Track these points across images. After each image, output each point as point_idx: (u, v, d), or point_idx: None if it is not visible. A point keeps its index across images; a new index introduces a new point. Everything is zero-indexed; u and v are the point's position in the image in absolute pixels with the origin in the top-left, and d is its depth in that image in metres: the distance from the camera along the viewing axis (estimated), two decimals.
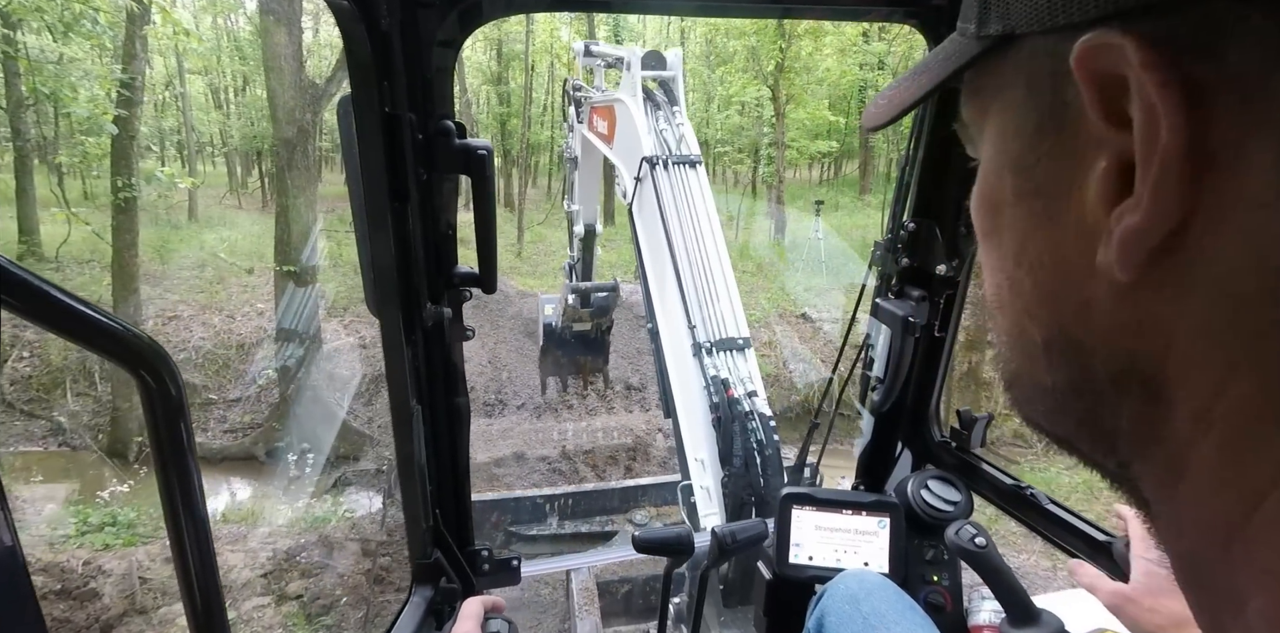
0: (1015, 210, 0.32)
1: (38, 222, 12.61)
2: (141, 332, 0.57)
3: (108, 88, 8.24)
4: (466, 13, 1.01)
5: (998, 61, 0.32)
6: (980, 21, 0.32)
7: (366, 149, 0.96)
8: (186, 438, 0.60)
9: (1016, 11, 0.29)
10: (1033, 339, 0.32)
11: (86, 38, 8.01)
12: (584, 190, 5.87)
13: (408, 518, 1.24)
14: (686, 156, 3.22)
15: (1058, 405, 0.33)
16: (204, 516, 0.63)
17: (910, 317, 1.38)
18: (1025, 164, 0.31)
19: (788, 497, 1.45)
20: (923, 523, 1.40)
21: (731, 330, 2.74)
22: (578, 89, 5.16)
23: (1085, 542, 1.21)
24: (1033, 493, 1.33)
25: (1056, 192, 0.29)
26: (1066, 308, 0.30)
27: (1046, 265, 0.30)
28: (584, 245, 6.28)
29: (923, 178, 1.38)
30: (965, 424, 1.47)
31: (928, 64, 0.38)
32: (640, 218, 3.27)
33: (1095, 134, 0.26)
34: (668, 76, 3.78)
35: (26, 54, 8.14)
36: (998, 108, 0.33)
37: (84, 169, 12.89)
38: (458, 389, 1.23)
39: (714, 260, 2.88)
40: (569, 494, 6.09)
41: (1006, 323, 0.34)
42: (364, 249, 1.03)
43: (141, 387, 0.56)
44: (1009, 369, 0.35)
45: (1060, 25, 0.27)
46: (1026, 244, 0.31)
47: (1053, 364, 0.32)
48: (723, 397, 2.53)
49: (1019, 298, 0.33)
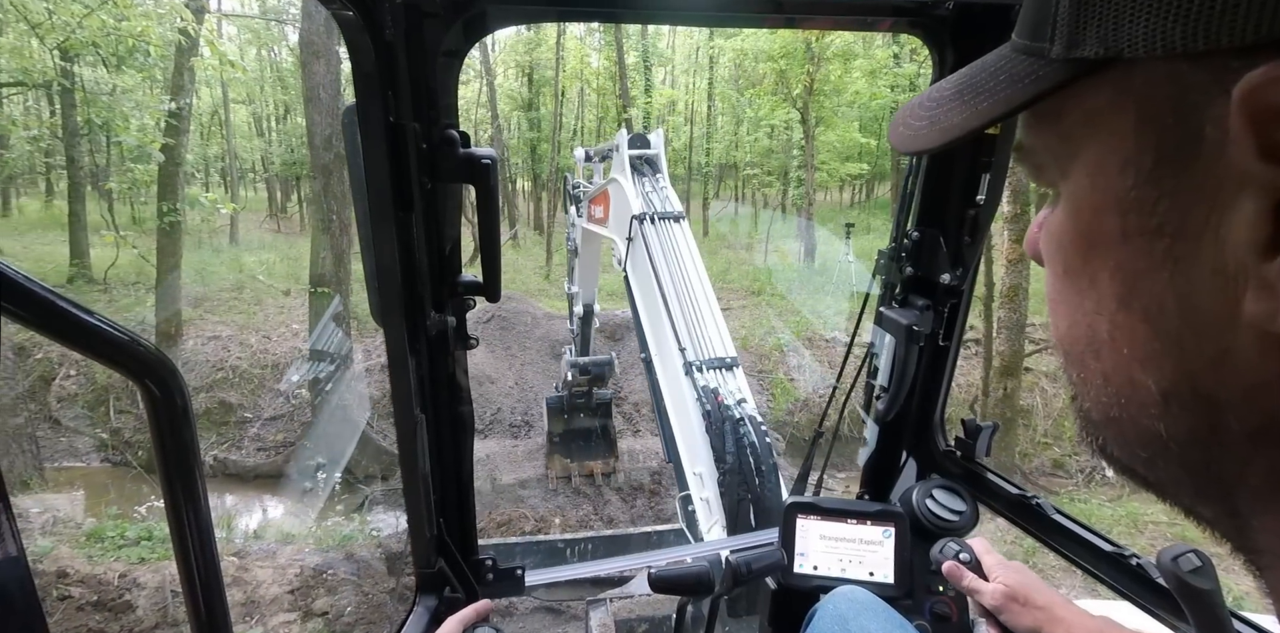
0: (1124, 250, 0.29)
1: (88, 245, 13.16)
2: (148, 342, 0.57)
3: (156, 117, 8.62)
4: (471, 23, 1.02)
5: (1092, 86, 0.30)
6: (1070, 42, 0.29)
7: (371, 158, 0.96)
8: (191, 448, 0.59)
9: (1130, 33, 0.26)
10: (1145, 388, 0.30)
11: (138, 70, 8.42)
12: (584, 275, 6.45)
13: (412, 527, 1.24)
14: (670, 212, 3.75)
15: (1165, 453, 0.31)
16: (208, 525, 0.62)
17: (915, 325, 1.38)
18: (1141, 201, 0.28)
19: (792, 506, 1.44)
20: (928, 533, 1.38)
21: (719, 351, 3.00)
22: (576, 187, 5.70)
23: (1092, 553, 1.19)
24: (1039, 503, 1.31)
25: (1185, 232, 0.27)
26: (1197, 358, 0.28)
27: (1170, 312, 0.28)
28: (583, 322, 6.92)
29: (926, 187, 1.38)
30: (970, 433, 1.46)
31: (979, 83, 0.35)
32: (633, 270, 3.68)
33: (1241, 170, 0.24)
34: (651, 154, 4.41)
35: (83, 86, 8.59)
36: (1092, 137, 0.31)
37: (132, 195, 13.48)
38: (461, 398, 1.23)
39: (700, 295, 3.21)
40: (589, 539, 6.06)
41: (1105, 368, 0.32)
42: (368, 258, 1.04)
43: (147, 397, 0.56)
44: (1102, 414, 0.33)
45: (1199, 51, 0.24)
46: (1139, 287, 0.29)
47: (1170, 415, 0.29)
48: (713, 403, 2.70)
49: (1128, 344, 0.30)
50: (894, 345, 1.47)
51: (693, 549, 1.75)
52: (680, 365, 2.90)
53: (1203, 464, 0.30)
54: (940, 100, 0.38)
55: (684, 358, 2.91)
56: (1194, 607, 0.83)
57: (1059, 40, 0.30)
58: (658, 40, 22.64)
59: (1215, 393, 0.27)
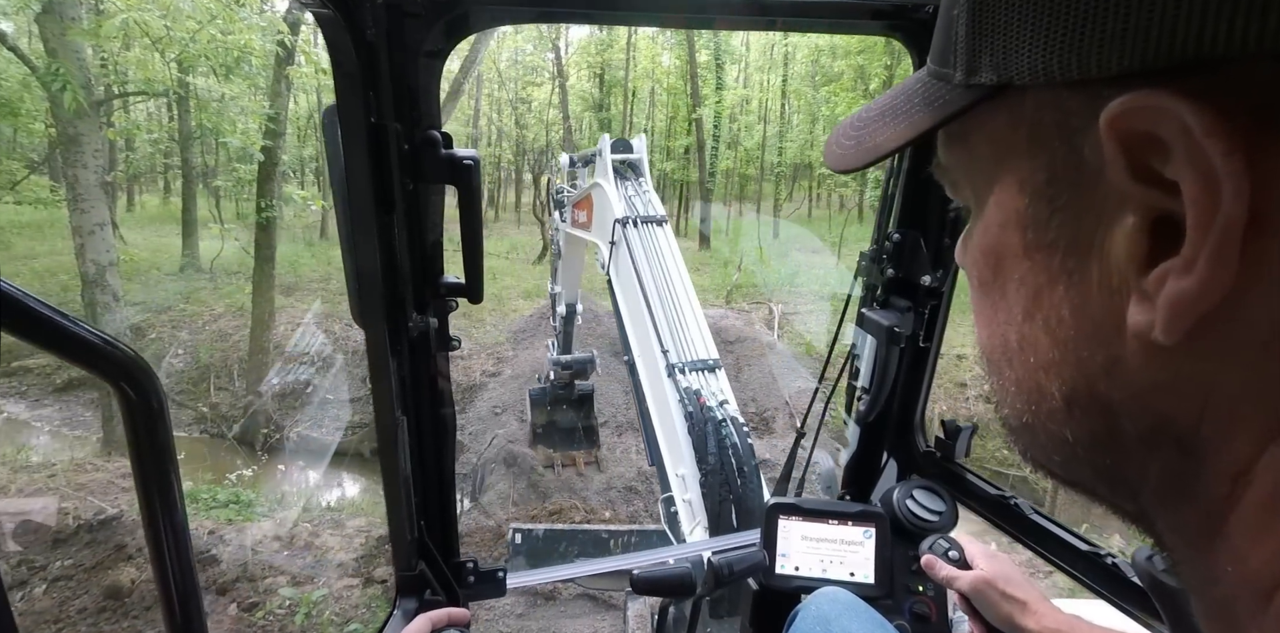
0: (1025, 264, 0.31)
1: (198, 238, 14.48)
2: (123, 344, 0.56)
3: (258, 121, 9.41)
4: (453, 23, 1.01)
5: (989, 110, 0.31)
6: (969, 69, 0.31)
7: (352, 159, 0.95)
8: (167, 449, 0.58)
9: (1016, 63, 0.28)
10: (1049, 394, 0.31)
11: (243, 78, 9.23)
12: (566, 276, 6.59)
13: (392, 530, 1.22)
14: (653, 216, 3.79)
15: (1075, 457, 0.32)
16: (184, 524, 0.62)
17: (896, 327, 1.38)
18: (1036, 218, 0.30)
19: (774, 507, 1.43)
20: (907, 533, 1.39)
21: (702, 353, 3.02)
22: (560, 192, 5.78)
23: (1069, 552, 1.19)
24: (1017, 503, 1.32)
25: (1075, 247, 0.28)
26: (1091, 366, 0.29)
27: (1066, 322, 0.29)
28: (565, 321, 7.10)
29: (907, 189, 1.38)
30: (950, 434, 1.47)
31: (898, 106, 0.37)
32: (616, 274, 3.77)
33: (1119, 190, 0.26)
34: (634, 159, 4.46)
35: (195, 94, 9.50)
36: (994, 157, 0.32)
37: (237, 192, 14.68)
38: (443, 400, 1.22)
39: (683, 298, 3.25)
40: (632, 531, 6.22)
41: (1015, 376, 0.33)
42: (349, 259, 1.02)
43: (121, 398, 0.55)
44: (1017, 420, 0.34)
45: (1073, 80, 0.26)
46: (1040, 299, 0.30)
47: (1073, 419, 0.31)
48: (695, 405, 2.75)
49: (1033, 353, 0.31)
50: (875, 347, 1.48)
51: (675, 551, 1.74)
52: (663, 368, 2.93)
53: (1107, 467, 0.31)
54: (866, 121, 0.40)
55: (666, 360, 2.94)
56: (1168, 605, 0.81)
57: (960, 67, 0.31)
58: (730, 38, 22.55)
59: (1110, 398, 0.28)
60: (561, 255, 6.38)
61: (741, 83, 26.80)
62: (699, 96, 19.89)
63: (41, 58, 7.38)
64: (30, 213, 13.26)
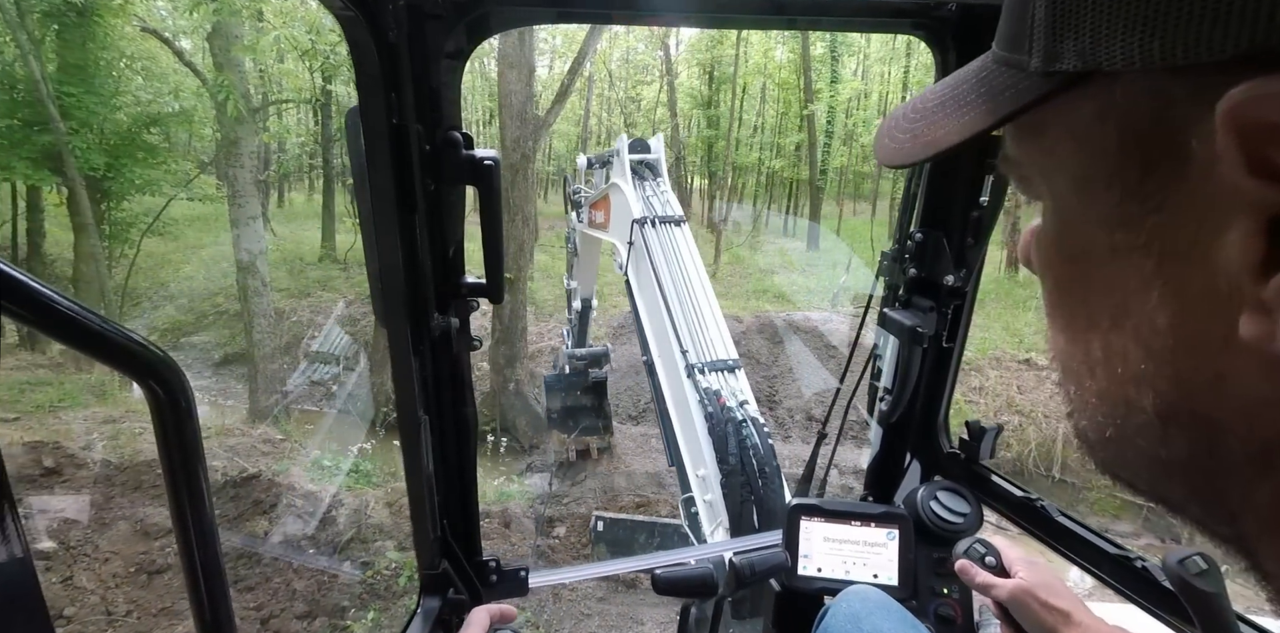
0: (1112, 267, 0.28)
1: (335, 231, 15.93)
2: (153, 344, 0.57)
3: None
4: (474, 25, 1.01)
5: (1071, 100, 0.29)
6: (1048, 55, 0.28)
7: (374, 160, 0.96)
8: (195, 447, 0.59)
9: (1107, 47, 0.25)
10: (1140, 408, 0.28)
11: None
12: (582, 273, 6.72)
13: (415, 528, 1.23)
14: (670, 216, 3.76)
15: (1167, 475, 0.30)
16: (212, 523, 0.62)
17: (918, 327, 1.38)
18: (1127, 218, 0.27)
19: (796, 508, 1.43)
20: (932, 535, 1.39)
21: (721, 353, 3.00)
22: (576, 192, 5.80)
23: (1097, 555, 1.17)
24: (1044, 505, 1.30)
25: (1173, 250, 0.26)
26: (1192, 380, 0.26)
27: (1161, 332, 0.26)
28: (580, 316, 7.21)
29: (930, 189, 1.36)
30: (974, 435, 1.45)
31: (961, 95, 0.34)
32: (635, 274, 3.71)
33: (1231, 187, 0.23)
34: (652, 159, 4.40)
35: (335, 100, 10.47)
36: (1076, 151, 0.29)
37: None
38: (465, 400, 1.22)
39: (701, 298, 3.22)
40: None
41: (1098, 387, 0.30)
42: (372, 259, 1.03)
43: (151, 397, 0.56)
44: (1098, 433, 0.31)
45: (1177, 65, 0.23)
46: (1129, 306, 0.28)
47: (1168, 436, 0.28)
48: (715, 406, 2.72)
49: (1120, 364, 0.29)
50: (897, 347, 1.47)
51: (696, 551, 1.74)
52: (682, 368, 2.92)
53: (1205, 487, 0.28)
54: (923, 112, 0.37)
55: (685, 360, 2.93)
56: (1200, 610, 0.82)
57: (1037, 53, 0.29)
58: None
59: (1213, 416, 0.26)
60: (578, 254, 6.54)
61: (860, 75, 25.80)
62: (811, 91, 19.38)
63: (210, 71, 8.42)
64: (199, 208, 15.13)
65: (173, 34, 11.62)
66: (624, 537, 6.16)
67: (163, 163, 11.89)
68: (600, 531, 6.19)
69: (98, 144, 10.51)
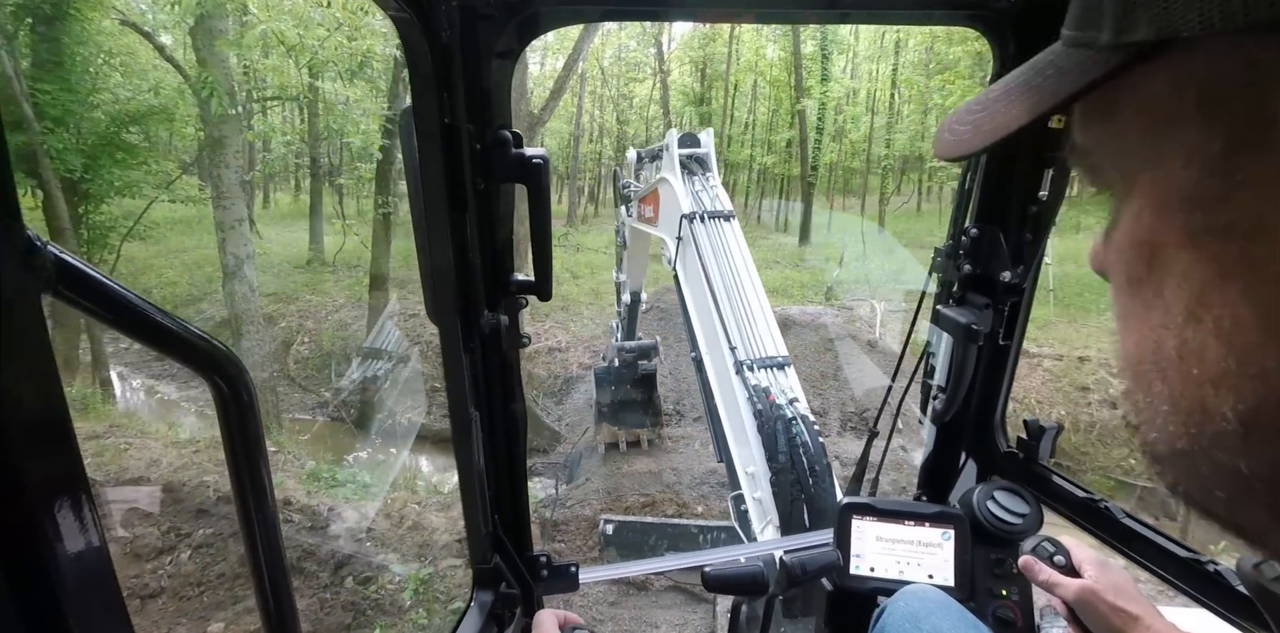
0: (1189, 254, 0.26)
1: (323, 233, 15.56)
2: (216, 339, 0.58)
3: (378, 122, 9.95)
4: (524, 24, 1.02)
5: (1144, 74, 0.27)
6: (1119, 27, 0.27)
7: (426, 159, 0.97)
8: (257, 441, 0.60)
9: (1185, 11, 0.23)
10: (1218, 414, 0.25)
11: (365, 82, 9.76)
12: (632, 267, 6.76)
13: (468, 524, 1.25)
14: (720, 211, 3.73)
15: (1248, 493, 0.26)
16: (274, 517, 0.64)
17: (973, 324, 1.35)
18: (1208, 197, 0.25)
19: (847, 507, 1.42)
20: (989, 535, 1.36)
21: (770, 351, 2.97)
22: (626, 187, 5.80)
23: (1166, 558, 1.15)
24: (1107, 506, 1.27)
25: (1261, 231, 0.23)
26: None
27: (1247, 324, 0.24)
28: (630, 309, 7.28)
29: (986, 183, 1.34)
30: (1033, 435, 1.43)
31: (1027, 82, 0.33)
32: (683, 269, 3.73)
33: None
34: (702, 153, 4.37)
35: (323, 97, 10.15)
36: (1151, 129, 0.28)
37: (357, 190, 15.69)
38: (514, 396, 1.24)
39: (750, 294, 3.19)
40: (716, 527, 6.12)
41: (1171, 391, 0.28)
42: (424, 257, 1.04)
43: (215, 391, 0.57)
44: (1168, 445, 0.28)
45: (1261, 23, 0.22)
46: (1209, 296, 0.25)
47: (1252, 448, 0.25)
48: (765, 403, 2.71)
49: (1196, 363, 0.26)
50: (951, 344, 1.45)
51: (746, 549, 1.75)
52: (731, 364, 2.91)
53: None
54: (985, 104, 0.35)
55: (734, 357, 2.92)
56: (1278, 615, 0.71)
57: (1107, 26, 0.27)
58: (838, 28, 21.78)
59: None
60: (627, 247, 6.51)
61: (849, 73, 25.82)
62: (802, 88, 19.31)
63: (193, 67, 8.10)
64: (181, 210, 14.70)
65: (153, 28, 11.23)
66: (635, 540, 5.97)
67: (143, 163, 11.60)
68: (610, 534, 6.00)
69: (74, 144, 10.18)
